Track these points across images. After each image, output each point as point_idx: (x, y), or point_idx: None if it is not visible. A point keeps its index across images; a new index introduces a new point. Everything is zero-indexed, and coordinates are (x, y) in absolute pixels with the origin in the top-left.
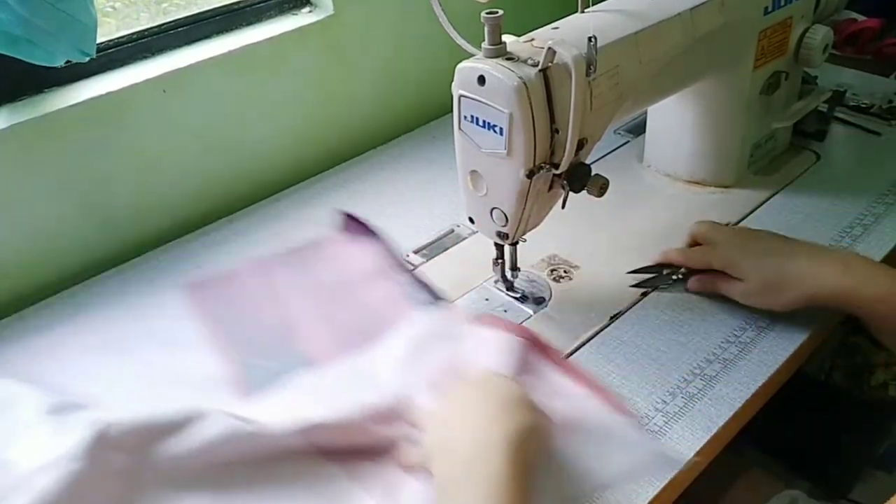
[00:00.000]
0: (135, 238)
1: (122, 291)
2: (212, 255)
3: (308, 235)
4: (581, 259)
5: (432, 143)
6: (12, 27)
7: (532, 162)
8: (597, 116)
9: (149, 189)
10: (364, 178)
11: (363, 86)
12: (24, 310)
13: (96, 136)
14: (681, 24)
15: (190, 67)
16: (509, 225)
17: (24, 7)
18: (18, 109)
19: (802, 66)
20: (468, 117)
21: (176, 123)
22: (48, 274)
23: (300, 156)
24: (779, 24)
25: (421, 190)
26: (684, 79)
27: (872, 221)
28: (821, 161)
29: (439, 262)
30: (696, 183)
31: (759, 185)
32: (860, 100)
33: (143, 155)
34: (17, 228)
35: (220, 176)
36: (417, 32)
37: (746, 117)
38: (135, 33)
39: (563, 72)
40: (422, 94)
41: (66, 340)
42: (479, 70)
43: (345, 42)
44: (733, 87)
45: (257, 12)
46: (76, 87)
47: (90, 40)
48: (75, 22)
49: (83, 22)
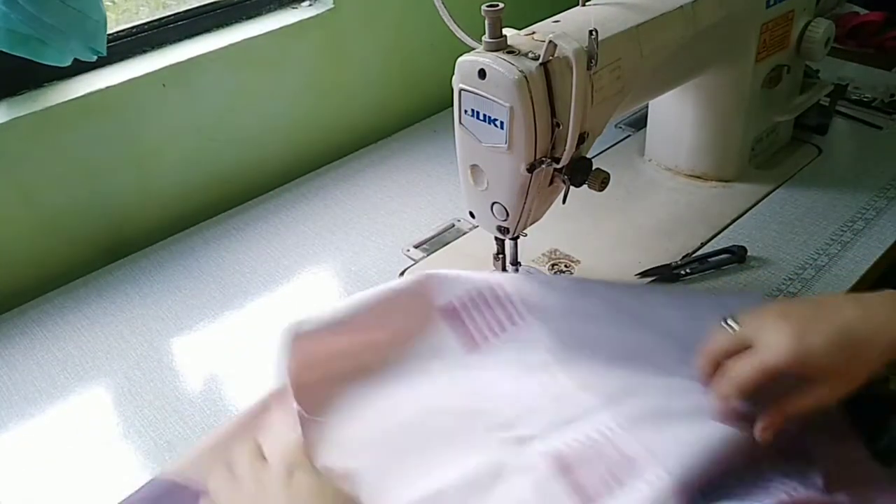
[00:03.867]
0: (135, 232)
1: (122, 286)
2: (213, 249)
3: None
4: (582, 253)
5: (433, 137)
6: (22, 26)
7: (533, 156)
8: (598, 110)
9: (149, 183)
10: (364, 172)
11: (363, 80)
12: (25, 304)
13: (96, 131)
14: (682, 17)
15: (190, 61)
16: (510, 219)
17: (33, 5)
18: (18, 103)
19: (804, 59)
20: (469, 111)
21: (176, 118)
22: (49, 268)
23: (300, 150)
24: (780, 18)
25: (421, 184)
26: (686, 72)
27: (874, 215)
28: (822, 155)
29: (440, 257)
30: (697, 177)
31: (760, 179)
32: (862, 93)
33: (142, 149)
34: (18, 223)
35: (220, 170)
36: (417, 26)
37: (748, 111)
38: (134, 27)
39: (564, 65)
40: (422, 88)
41: (66, 334)
42: (479, 64)
43: (344, 36)
44: (735, 81)
45: (257, 6)
46: (76, 82)
47: (101, 37)
48: (86, 19)
49: (94, 19)
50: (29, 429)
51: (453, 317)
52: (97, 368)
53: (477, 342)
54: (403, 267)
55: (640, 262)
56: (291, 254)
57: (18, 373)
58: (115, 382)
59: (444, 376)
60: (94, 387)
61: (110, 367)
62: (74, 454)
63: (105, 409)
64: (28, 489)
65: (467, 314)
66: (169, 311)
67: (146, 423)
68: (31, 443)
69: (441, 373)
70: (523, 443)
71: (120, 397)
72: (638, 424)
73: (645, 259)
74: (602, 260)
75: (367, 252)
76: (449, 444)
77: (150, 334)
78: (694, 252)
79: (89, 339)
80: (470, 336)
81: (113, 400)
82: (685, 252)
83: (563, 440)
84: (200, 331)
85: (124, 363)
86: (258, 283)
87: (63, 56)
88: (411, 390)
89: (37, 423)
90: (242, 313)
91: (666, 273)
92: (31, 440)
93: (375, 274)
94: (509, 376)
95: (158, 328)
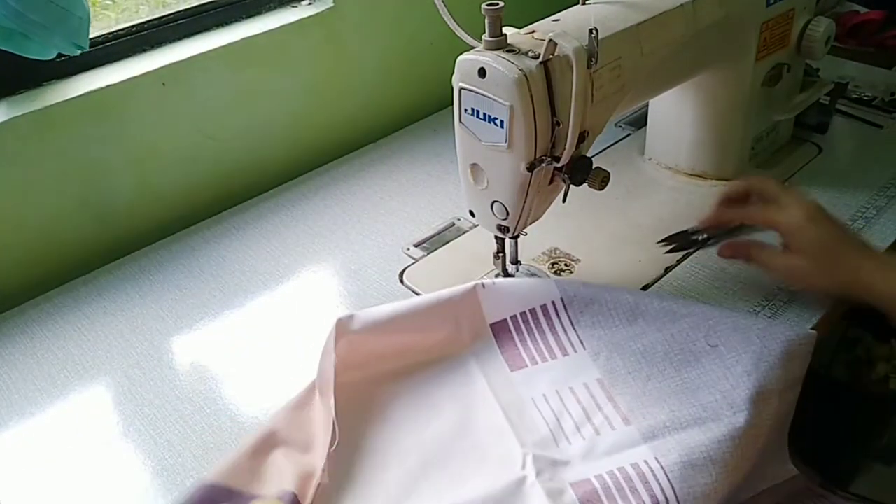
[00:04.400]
0: (134, 232)
1: (122, 285)
2: (213, 248)
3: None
4: (582, 252)
5: (433, 136)
6: (6, 21)
7: (533, 155)
8: (598, 109)
9: (148, 182)
10: (364, 171)
11: (363, 78)
12: (25, 303)
13: (95, 130)
14: (682, 15)
15: (189, 60)
16: (510, 218)
17: (17, 1)
18: (17, 103)
19: (804, 58)
20: (469, 110)
21: (175, 117)
22: (49, 267)
23: (300, 149)
24: (781, 16)
25: (421, 183)
26: (686, 71)
27: (874, 214)
28: (822, 154)
29: (440, 256)
30: (697, 176)
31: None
32: (862, 92)
33: (142, 148)
34: (17, 222)
35: (219, 169)
36: (417, 25)
37: (748, 110)
38: (134, 26)
39: (564, 64)
40: (422, 86)
41: (66, 334)
42: (479, 62)
43: (344, 34)
44: (735, 80)
45: (257, 4)
46: (75, 81)
47: (84, 33)
48: (69, 15)
49: (77, 15)
50: (29, 428)
51: (505, 336)
52: (97, 367)
53: (525, 364)
54: (403, 266)
55: (640, 261)
56: (291, 252)
57: (18, 372)
58: (116, 381)
59: (487, 391)
60: (94, 386)
61: (110, 366)
62: (74, 454)
63: (105, 408)
64: (28, 489)
65: (520, 337)
66: (169, 310)
67: (146, 422)
68: (32, 442)
69: (483, 387)
70: (556, 466)
71: (120, 396)
72: (676, 466)
73: (645, 258)
74: (602, 259)
75: (368, 251)
76: (482, 460)
77: (150, 333)
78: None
79: (89, 338)
80: (519, 356)
81: (113, 399)
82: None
83: (597, 471)
84: (201, 330)
85: (124, 362)
86: (258, 281)
87: (46, 50)
88: (451, 401)
89: (37, 422)
90: (242, 312)
91: (685, 240)
92: (32, 439)
93: (375, 273)
94: (553, 398)
95: (158, 327)
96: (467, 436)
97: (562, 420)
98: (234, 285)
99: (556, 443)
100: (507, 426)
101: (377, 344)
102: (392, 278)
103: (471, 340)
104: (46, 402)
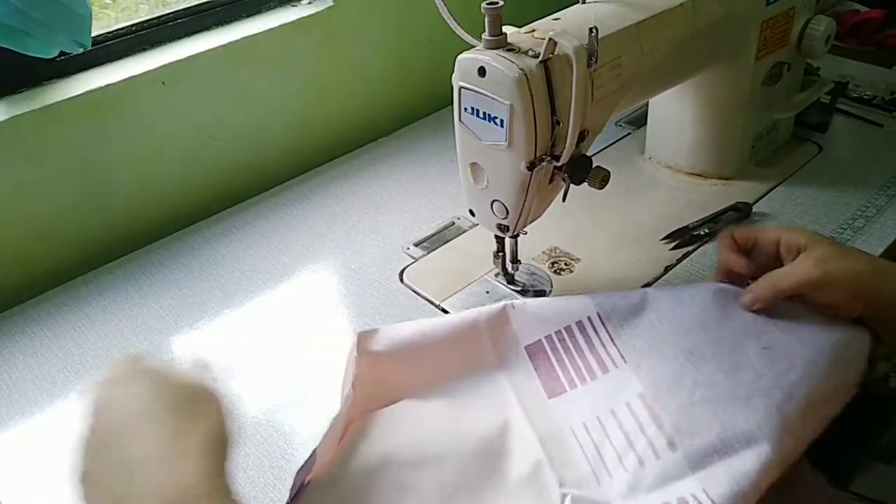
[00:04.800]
0: (134, 230)
1: (122, 284)
2: (213, 247)
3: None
4: (582, 251)
5: (433, 135)
6: (8, 18)
7: (533, 154)
8: (598, 108)
9: (148, 181)
10: (364, 170)
11: (363, 77)
12: (25, 302)
13: (95, 129)
14: (683, 14)
15: (189, 59)
16: (510, 217)
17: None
18: (18, 102)
19: (805, 57)
20: (469, 109)
21: (175, 116)
22: (49, 267)
23: (300, 148)
24: (781, 15)
25: (421, 182)
26: (686, 70)
27: (875, 213)
28: (823, 152)
29: (440, 255)
30: (697, 175)
31: (760, 177)
32: (862, 91)
33: (142, 147)
34: (17, 221)
35: (219, 168)
36: (417, 24)
37: (748, 109)
38: (134, 25)
39: (564, 63)
40: (422, 85)
41: (66, 333)
42: (479, 61)
43: (344, 34)
44: (735, 79)
45: (256, 4)
46: (75, 80)
47: (86, 31)
48: (71, 13)
49: (79, 13)
50: (29, 427)
51: (541, 358)
52: (97, 367)
53: (564, 388)
54: (403, 265)
55: (640, 260)
56: (291, 252)
57: (18, 371)
58: None
59: (523, 420)
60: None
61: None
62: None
63: None
64: (28, 488)
65: (556, 357)
66: (169, 309)
67: None
68: (32, 441)
69: (518, 415)
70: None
71: None
72: (726, 500)
73: (645, 257)
74: (602, 258)
75: (367, 250)
76: (516, 497)
77: (150, 332)
78: (705, 217)
79: (89, 337)
80: (557, 380)
81: None
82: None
83: None
84: (201, 329)
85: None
86: (258, 281)
87: (48, 48)
88: (482, 430)
89: (37, 421)
90: (243, 311)
91: (685, 235)
92: (31, 439)
93: (375, 272)
94: (594, 426)
95: (159, 326)
96: (499, 470)
97: (603, 451)
98: (234, 284)
99: (598, 479)
100: (544, 460)
101: (399, 369)
102: (392, 277)
103: (503, 364)
104: (46, 402)
